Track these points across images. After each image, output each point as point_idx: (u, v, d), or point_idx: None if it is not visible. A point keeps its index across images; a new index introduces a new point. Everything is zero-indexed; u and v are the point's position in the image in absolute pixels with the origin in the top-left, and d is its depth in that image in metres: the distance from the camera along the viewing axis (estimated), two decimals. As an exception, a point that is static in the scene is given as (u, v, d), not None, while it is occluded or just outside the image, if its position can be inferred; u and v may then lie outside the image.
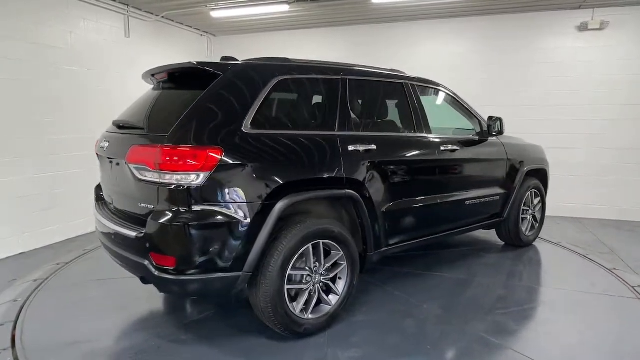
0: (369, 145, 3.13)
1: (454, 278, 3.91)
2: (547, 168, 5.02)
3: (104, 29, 5.91)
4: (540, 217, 4.93)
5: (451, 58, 7.08)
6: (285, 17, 6.97)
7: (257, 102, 2.67)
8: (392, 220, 3.31)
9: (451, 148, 3.79)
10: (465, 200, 3.96)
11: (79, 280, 3.96)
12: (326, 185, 2.87)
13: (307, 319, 2.79)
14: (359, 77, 3.35)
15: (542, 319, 3.17)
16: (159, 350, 2.71)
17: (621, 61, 6.31)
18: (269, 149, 2.63)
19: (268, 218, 2.53)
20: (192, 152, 2.37)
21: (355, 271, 3.01)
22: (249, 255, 2.50)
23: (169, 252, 2.40)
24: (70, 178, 5.44)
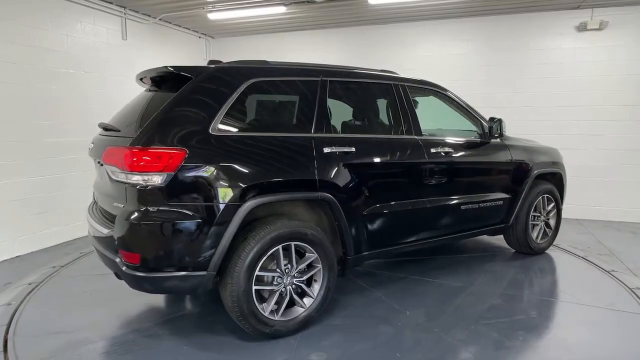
0: (347, 148, 3.08)
1: (448, 285, 3.79)
2: (562, 172, 4.74)
3: (101, 31, 5.91)
4: (555, 224, 4.67)
5: (450, 59, 7.05)
6: (282, 18, 6.96)
7: (227, 104, 2.72)
8: (374, 224, 3.25)
9: (444, 150, 3.68)
10: (460, 204, 3.82)
11: (74, 284, 3.95)
12: (297, 187, 2.85)
13: (277, 320, 2.79)
14: (341, 79, 3.32)
15: (528, 330, 2.96)
16: (134, 344, 2.85)
17: (621, 61, 6.26)
18: (236, 151, 2.66)
19: (232, 219, 2.56)
20: (155, 154, 2.44)
21: (332, 274, 2.98)
22: (214, 256, 2.55)
23: (135, 249, 2.50)
24: (68, 181, 5.44)
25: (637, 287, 3.71)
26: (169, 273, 2.52)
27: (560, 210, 4.71)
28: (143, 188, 2.47)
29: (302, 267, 2.90)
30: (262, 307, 2.74)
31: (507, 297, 3.54)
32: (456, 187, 3.82)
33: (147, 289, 2.63)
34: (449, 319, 3.14)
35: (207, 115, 2.64)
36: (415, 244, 3.67)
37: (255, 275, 2.67)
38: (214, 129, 2.62)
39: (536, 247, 4.51)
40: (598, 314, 3.23)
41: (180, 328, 3.06)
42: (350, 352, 2.70)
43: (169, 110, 2.62)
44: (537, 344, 2.82)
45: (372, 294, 3.59)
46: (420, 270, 4.14)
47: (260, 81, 2.90)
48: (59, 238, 5.36)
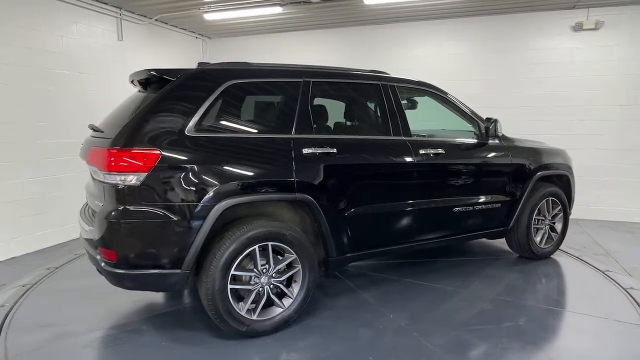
0: (329, 149, 3.07)
1: (440, 288, 3.70)
2: (569, 174, 4.55)
3: (96, 32, 5.90)
4: (562, 228, 4.49)
5: (447, 59, 7.05)
6: (279, 19, 6.96)
7: (204, 106, 2.76)
8: (358, 226, 3.22)
9: (434, 152, 3.59)
10: (453, 207, 3.74)
11: (67, 285, 3.94)
12: (274, 188, 2.86)
13: (254, 319, 2.82)
14: (325, 80, 3.32)
15: (512, 338, 2.86)
16: (116, 338, 2.96)
17: (617, 61, 6.26)
18: (212, 152, 2.71)
19: (206, 219, 2.62)
20: (129, 154, 2.53)
21: (312, 275, 2.99)
22: (187, 254, 2.61)
23: (111, 246, 2.59)
24: (63, 182, 5.43)
25: (631, 287, 3.71)
26: (144, 270, 2.60)
27: (567, 214, 4.53)
28: (119, 187, 2.55)
29: (281, 268, 2.92)
30: (238, 306, 2.78)
31: (499, 302, 3.43)
32: (448, 189, 3.74)
33: (125, 285, 2.69)
34: (433, 323, 3.07)
35: (183, 117, 2.69)
36: (404, 246, 3.63)
37: (231, 274, 2.71)
38: (190, 130, 2.68)
39: (540, 252, 4.36)
40: (588, 322, 3.14)
41: (164, 324, 3.13)
42: (324, 354, 2.70)
43: (147, 112, 2.69)
44: (518, 352, 2.71)
45: (359, 296, 3.56)
46: (416, 273, 4.06)
47: (239, 83, 2.93)
48: (54, 239, 5.35)
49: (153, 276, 2.62)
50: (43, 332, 3.01)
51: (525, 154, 4.21)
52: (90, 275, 3.92)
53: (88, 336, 2.98)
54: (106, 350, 2.82)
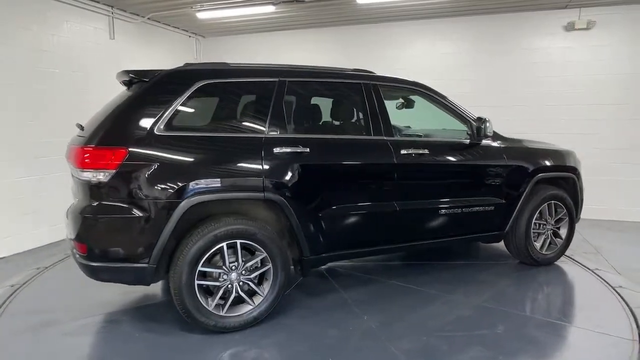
0: (301, 148, 3.06)
1: (425, 292, 3.59)
2: (575, 177, 4.31)
3: (88, 31, 5.87)
4: (567, 233, 4.24)
5: (440, 58, 7.06)
6: (272, 18, 6.95)
7: (174, 106, 2.84)
8: (333, 227, 3.21)
9: (417, 152, 3.50)
10: (438, 209, 3.65)
11: (57, 286, 3.92)
12: (241, 187, 2.89)
13: (222, 315, 2.87)
14: (302, 79, 3.32)
15: (484, 346, 2.75)
16: (94, 326, 3.11)
17: (609, 61, 6.30)
18: (179, 150, 2.78)
19: (171, 215, 2.69)
20: (98, 152, 2.65)
21: (284, 274, 3.01)
22: (154, 249, 2.70)
23: (82, 240, 2.73)
24: (54, 181, 5.40)
25: (620, 285, 3.72)
26: (113, 264, 2.73)
27: (573, 219, 4.26)
28: (90, 184, 2.68)
29: (251, 266, 2.95)
30: (207, 302, 2.84)
31: (482, 309, 3.30)
32: (433, 190, 3.66)
33: (97, 277, 2.81)
34: (405, 328, 3.00)
35: (153, 117, 2.78)
36: (384, 248, 3.58)
37: (199, 270, 2.78)
38: (159, 129, 2.76)
39: (540, 258, 4.14)
40: (571, 333, 3.01)
41: (143, 316, 3.23)
42: (286, 352, 2.73)
43: (118, 111, 2.80)
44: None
45: (339, 297, 3.52)
46: (405, 275, 3.98)
47: (211, 83, 2.98)
48: (44, 239, 5.31)
49: (122, 269, 2.73)
50: (30, 320, 3.16)
51: (523, 155, 4.02)
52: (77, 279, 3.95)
53: (69, 325, 3.10)
54: (82, 338, 2.96)
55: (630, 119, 6.29)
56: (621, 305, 3.38)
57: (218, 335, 2.88)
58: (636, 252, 4.92)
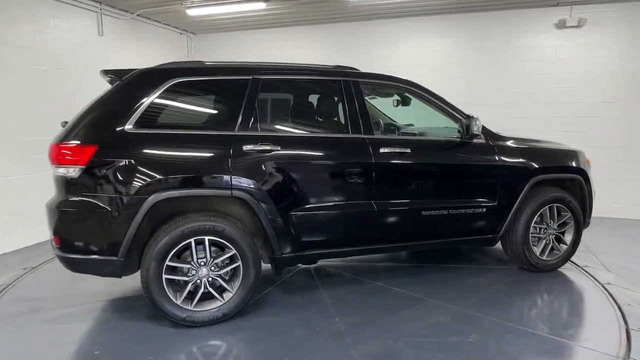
0: (272, 146, 3.05)
1: (408, 295, 3.51)
2: (582, 179, 4.04)
3: (75, 27, 5.78)
4: (572, 239, 3.98)
5: (432, 56, 7.04)
6: (263, 15, 6.90)
7: (144, 104, 2.92)
8: (306, 226, 3.19)
9: (396, 151, 3.39)
10: (421, 210, 3.50)
11: (45, 286, 3.88)
12: (208, 184, 2.93)
13: (191, 310, 2.94)
14: (277, 77, 3.31)
15: (450, 354, 2.68)
16: (77, 316, 3.26)
17: (600, 58, 6.32)
18: (148, 148, 2.87)
19: (138, 210, 2.78)
20: (69, 148, 2.78)
21: (254, 271, 3.03)
22: (122, 243, 2.80)
23: (56, 232, 2.87)
24: (41, 180, 5.29)
25: (609, 282, 3.74)
26: (84, 256, 2.85)
27: (580, 224, 4.01)
28: (63, 179, 2.82)
29: (223, 262, 3.00)
30: (175, 295, 2.92)
31: (462, 315, 3.18)
32: (414, 191, 3.53)
33: (71, 268, 2.94)
34: (375, 330, 2.94)
35: (123, 114, 2.87)
36: (363, 249, 3.52)
37: (167, 264, 2.86)
38: (130, 127, 2.85)
39: (540, 264, 3.93)
40: (546, 345, 2.79)
41: (124, 307, 3.39)
42: (247, 350, 2.78)
43: (91, 109, 2.93)
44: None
45: (318, 296, 3.51)
46: (393, 277, 3.91)
47: (183, 81, 3.03)
48: (31, 239, 5.24)
49: (93, 261, 2.85)
50: (16, 307, 3.39)
51: (519, 155, 3.81)
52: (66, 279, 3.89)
53: (53, 313, 3.29)
54: (60, 326, 3.11)
55: (621, 116, 6.33)
56: (610, 303, 3.39)
57: (187, 329, 2.95)
58: (626, 250, 4.93)
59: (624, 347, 2.74)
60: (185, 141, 2.96)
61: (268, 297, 3.50)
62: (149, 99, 2.92)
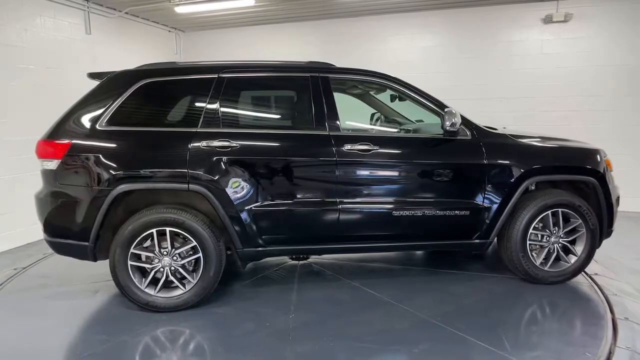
0: (228, 142, 3.15)
1: (379, 299, 3.38)
2: (597, 181, 3.55)
3: (62, 25, 5.73)
4: (584, 249, 3.51)
5: (420, 52, 7.09)
6: (252, 11, 6.88)
7: (116, 103, 3.18)
8: (266, 221, 3.23)
9: (362, 148, 3.27)
10: (391, 210, 3.34)
11: (33, 285, 3.87)
12: (167, 178, 3.12)
13: (155, 296, 3.14)
14: (242, 75, 3.38)
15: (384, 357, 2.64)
16: (71, 295, 3.61)
17: (586, 53, 6.40)
18: (115, 144, 3.12)
19: (104, 201, 3.03)
20: (49, 144, 3.13)
21: (215, 263, 3.15)
22: (92, 230, 3.07)
23: (40, 217, 3.23)
24: (30, 180, 5.25)
25: (596, 273, 3.81)
26: (62, 240, 3.17)
27: (594, 233, 3.52)
28: (45, 171, 3.17)
29: (186, 252, 3.16)
30: (139, 282, 3.13)
31: (424, 324, 2.97)
32: (384, 189, 3.39)
33: (55, 250, 3.29)
34: (320, 331, 2.89)
35: (97, 113, 3.15)
36: (330, 248, 3.50)
37: (131, 252, 3.08)
38: (102, 124, 3.13)
39: (541, 276, 3.50)
40: None
41: (102, 290, 3.64)
42: (193, 338, 2.90)
43: (72, 108, 3.23)
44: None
45: (287, 292, 3.52)
46: (374, 278, 3.80)
47: (152, 82, 3.25)
48: (21, 240, 5.20)
49: (70, 245, 3.16)
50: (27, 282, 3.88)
51: (512, 154, 3.46)
52: (54, 280, 4.01)
53: (54, 289, 3.72)
54: (57, 302, 3.49)
55: (606, 110, 6.42)
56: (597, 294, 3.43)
57: (151, 314, 3.14)
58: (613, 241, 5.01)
59: (611, 336, 2.80)
60: (147, 138, 3.17)
61: (238, 289, 3.61)
62: (120, 99, 3.18)
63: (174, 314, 3.14)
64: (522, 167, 3.43)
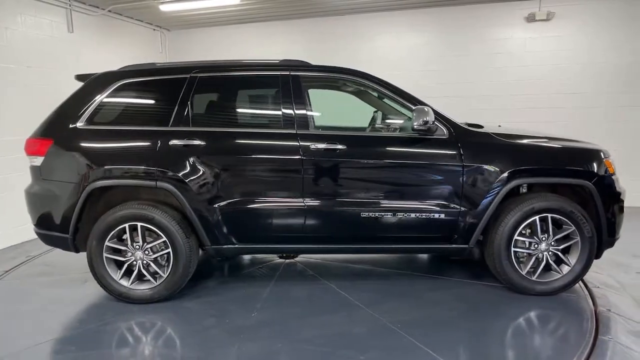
0: (195, 141, 3.23)
1: (347, 300, 3.32)
2: (590, 184, 3.23)
3: (43, 24, 5.62)
4: (584, 260, 3.23)
5: (406, 50, 7.13)
6: (238, 10, 6.84)
7: (94, 103, 3.36)
8: (232, 219, 3.27)
9: (328, 147, 3.22)
10: (359, 211, 3.26)
11: (36, 272, 4.05)
12: (136, 175, 3.24)
13: (128, 287, 3.28)
14: (214, 74, 3.44)
15: None
16: (62, 284, 3.84)
17: (568, 51, 6.52)
18: (92, 142, 3.30)
19: (80, 195, 3.20)
20: (34, 141, 3.35)
21: (184, 259, 3.23)
22: (70, 223, 3.25)
23: (29, 211, 3.44)
24: (12, 182, 5.17)
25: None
26: (47, 232, 3.36)
27: (590, 241, 3.23)
28: (32, 167, 3.38)
29: (158, 247, 3.28)
30: (113, 273, 3.27)
31: (382, 330, 2.88)
32: (352, 190, 3.30)
33: (43, 241, 3.46)
34: (275, 331, 2.89)
35: (77, 113, 3.33)
36: (299, 248, 3.53)
37: (106, 245, 3.23)
38: (81, 123, 3.31)
39: (529, 287, 3.27)
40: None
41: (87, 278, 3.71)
42: (154, 330, 3.01)
43: (57, 109, 3.43)
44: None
45: (261, 290, 3.53)
46: (351, 279, 3.75)
47: (128, 82, 3.40)
48: (5, 242, 5.10)
49: (53, 237, 3.35)
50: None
51: (490, 153, 3.26)
52: (41, 281, 3.96)
53: (51, 277, 4.01)
54: (46, 289, 3.74)
55: (588, 107, 6.54)
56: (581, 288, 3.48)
57: (125, 305, 3.28)
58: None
59: (594, 327, 2.87)
60: (120, 136, 3.32)
61: (214, 285, 3.69)
62: (99, 99, 3.36)
63: (146, 306, 3.27)
64: (502, 169, 3.22)
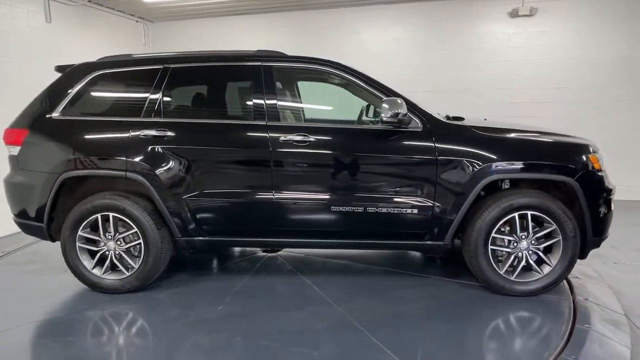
0: (165, 132, 3.23)
1: (319, 297, 3.25)
2: (572, 180, 3.06)
3: (20, 13, 5.47)
4: (566, 260, 3.08)
5: (391, 44, 7.13)
6: (223, 2, 6.76)
7: (69, 95, 3.37)
8: (201, 211, 3.25)
9: (298, 139, 3.15)
10: (328, 205, 3.20)
11: (23, 261, 4.10)
12: (107, 165, 3.26)
13: (101, 277, 3.30)
14: (187, 65, 3.43)
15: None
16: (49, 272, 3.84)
17: (550, 46, 6.59)
18: (65, 132, 3.31)
19: (53, 185, 3.24)
20: (11, 131, 3.40)
21: (154, 250, 3.22)
22: (44, 212, 3.29)
23: (7, 200, 3.46)
24: None
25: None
26: (24, 220, 3.40)
27: (573, 240, 3.07)
28: (9, 156, 3.41)
29: (132, 237, 3.27)
30: (87, 263, 3.29)
31: (344, 327, 2.81)
32: (321, 183, 3.23)
33: (22, 230, 3.48)
34: (234, 324, 2.86)
35: (53, 104, 3.36)
36: (268, 241, 3.52)
37: (79, 234, 3.24)
38: (56, 114, 3.33)
39: (507, 287, 3.14)
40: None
41: None
42: (119, 320, 3.02)
43: (35, 99, 3.43)
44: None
45: (235, 283, 3.50)
46: (328, 275, 3.69)
47: (102, 74, 3.41)
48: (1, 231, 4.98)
49: (29, 226, 3.39)
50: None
51: (466, 147, 3.12)
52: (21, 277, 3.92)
53: (35, 266, 4.03)
54: (26, 277, 3.81)
55: (570, 101, 6.63)
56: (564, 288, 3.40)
57: (98, 294, 3.31)
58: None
59: (571, 316, 2.91)
60: (93, 127, 3.32)
61: (188, 278, 3.67)
62: (74, 90, 3.37)
63: (117, 296, 3.28)
64: (478, 164, 3.08)
